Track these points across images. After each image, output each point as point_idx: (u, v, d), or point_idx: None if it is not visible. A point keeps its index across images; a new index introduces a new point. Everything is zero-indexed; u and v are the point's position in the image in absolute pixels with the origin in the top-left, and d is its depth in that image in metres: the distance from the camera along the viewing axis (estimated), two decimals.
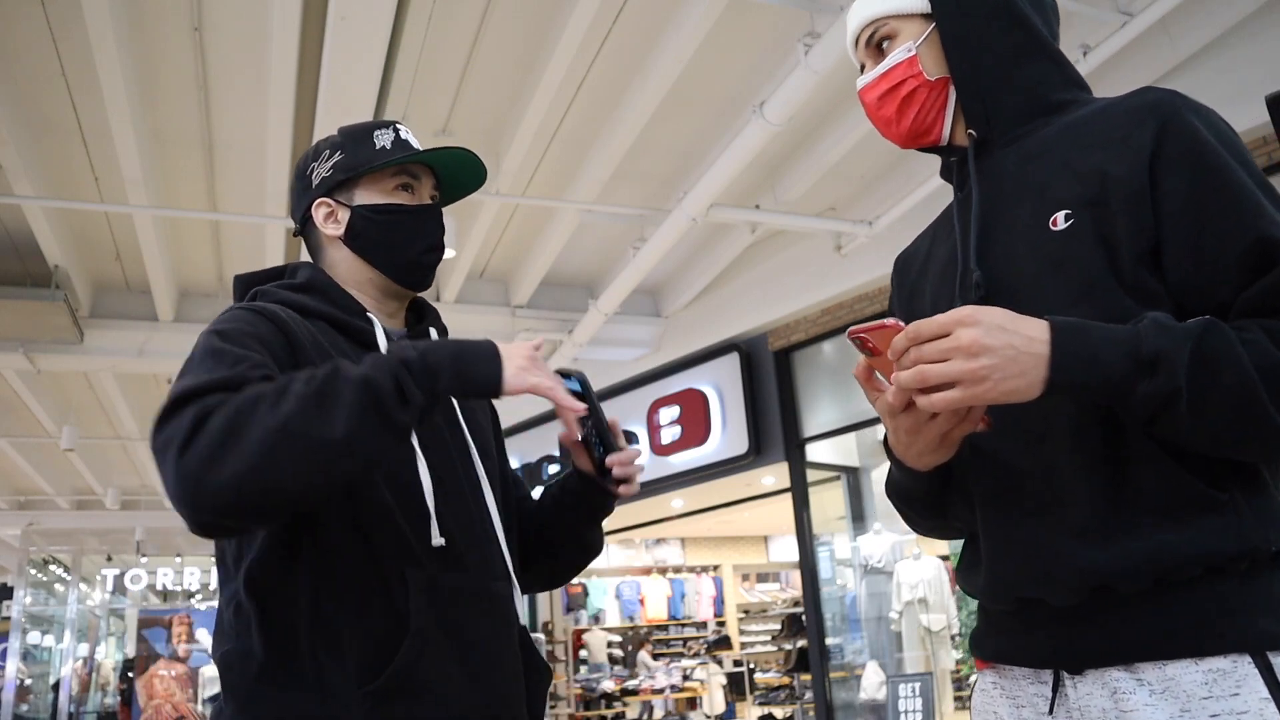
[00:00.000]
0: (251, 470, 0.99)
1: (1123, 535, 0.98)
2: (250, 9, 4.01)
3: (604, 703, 10.73)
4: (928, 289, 1.25)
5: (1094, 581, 0.98)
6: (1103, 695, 0.99)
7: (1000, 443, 1.09)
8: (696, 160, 5.51)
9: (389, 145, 1.39)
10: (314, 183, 1.41)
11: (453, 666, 1.19)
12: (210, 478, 0.99)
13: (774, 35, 4.49)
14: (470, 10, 4.18)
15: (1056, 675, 1.05)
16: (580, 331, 7.02)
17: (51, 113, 4.66)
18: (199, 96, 4.63)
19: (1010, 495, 1.08)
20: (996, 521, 1.09)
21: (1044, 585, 1.02)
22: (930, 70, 1.20)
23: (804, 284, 6.78)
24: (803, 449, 7.05)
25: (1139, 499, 0.99)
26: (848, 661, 7.09)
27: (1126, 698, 0.97)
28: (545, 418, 9.18)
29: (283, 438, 1.00)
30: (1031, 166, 1.13)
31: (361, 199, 1.38)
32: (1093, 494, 1.01)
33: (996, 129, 1.18)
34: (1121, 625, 0.99)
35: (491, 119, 5.00)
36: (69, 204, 5.31)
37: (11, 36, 4.10)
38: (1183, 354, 0.92)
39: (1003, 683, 1.13)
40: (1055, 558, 1.02)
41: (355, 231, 1.38)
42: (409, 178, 1.39)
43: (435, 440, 1.30)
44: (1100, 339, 0.94)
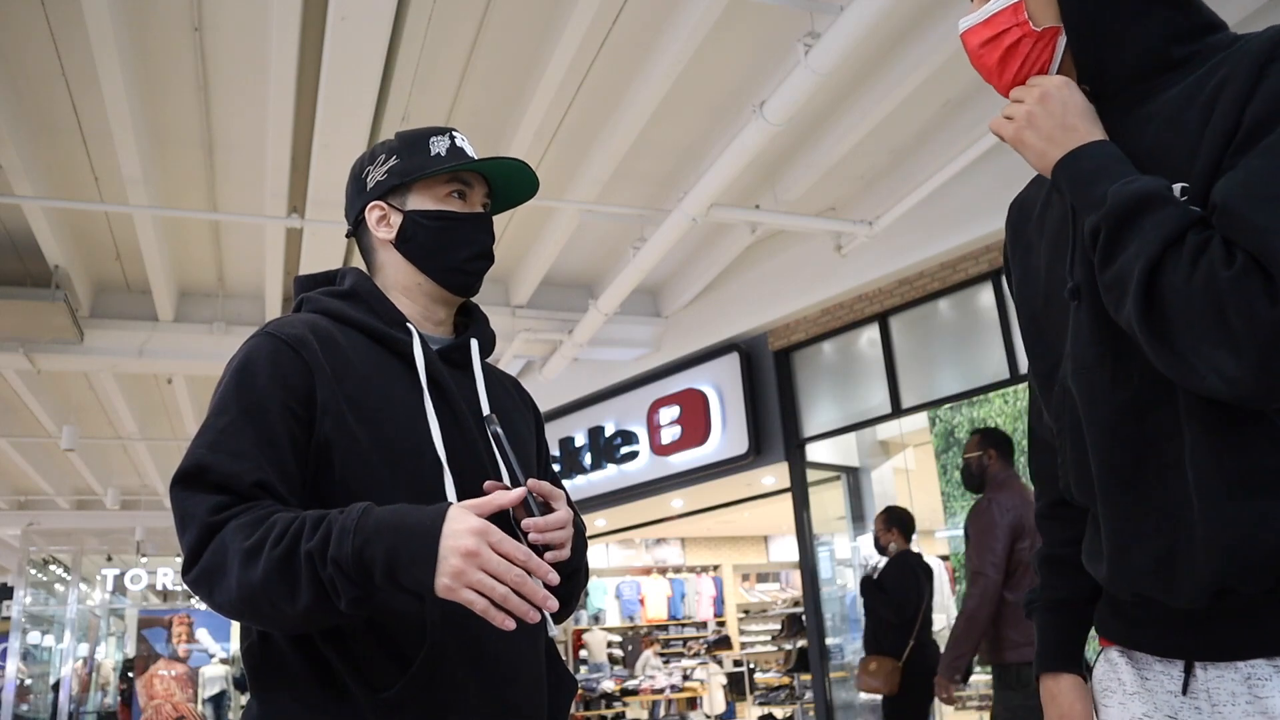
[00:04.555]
0: (236, 612, 1.13)
1: (1242, 533, 0.94)
2: (250, 9, 4.01)
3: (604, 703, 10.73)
4: (1042, 249, 1.17)
5: (1215, 588, 0.96)
6: (1235, 679, 0.98)
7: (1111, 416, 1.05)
8: (696, 160, 5.50)
9: (444, 152, 1.39)
10: (368, 185, 1.42)
11: (470, 678, 1.19)
12: (207, 601, 1.15)
13: (774, 35, 4.49)
14: (470, 10, 4.18)
15: (1188, 662, 1.03)
16: (580, 331, 7.02)
17: (51, 113, 4.66)
18: (199, 96, 4.63)
19: (1128, 486, 1.04)
20: (1115, 515, 1.06)
21: (1164, 590, 1.00)
22: (1038, 18, 1.10)
23: (804, 284, 6.78)
24: (803, 449, 7.05)
25: (1257, 484, 0.94)
26: (848, 661, 7.09)
27: (1261, 684, 0.96)
28: (546, 417, 9.13)
29: (251, 601, 1.10)
30: (1150, 130, 1.04)
31: (414, 204, 1.39)
32: (1205, 483, 0.96)
33: (1112, 86, 1.08)
34: (1248, 627, 0.97)
35: (491, 119, 5.00)
36: (69, 204, 5.31)
37: (11, 36, 4.10)
38: (1122, 209, 0.96)
39: (1131, 655, 1.11)
40: (1174, 563, 0.99)
41: (406, 236, 1.39)
42: (462, 185, 1.40)
43: (465, 449, 1.30)
44: (1101, 170, 1.01)
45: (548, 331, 7.29)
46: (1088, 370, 1.06)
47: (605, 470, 8.52)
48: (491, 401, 1.40)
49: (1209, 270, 0.88)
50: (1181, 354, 0.91)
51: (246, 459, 1.17)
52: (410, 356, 1.33)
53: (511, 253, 6.87)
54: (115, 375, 7.72)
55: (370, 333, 1.34)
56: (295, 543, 1.10)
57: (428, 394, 1.31)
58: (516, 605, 1.07)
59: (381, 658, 1.17)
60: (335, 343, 1.29)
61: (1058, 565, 1.24)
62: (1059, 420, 1.14)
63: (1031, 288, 1.19)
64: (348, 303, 1.36)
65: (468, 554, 1.06)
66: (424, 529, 1.09)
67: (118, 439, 9.87)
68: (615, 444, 8.39)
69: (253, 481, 1.17)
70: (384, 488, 1.22)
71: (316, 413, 1.23)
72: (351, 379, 1.27)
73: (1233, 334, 0.87)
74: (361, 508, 1.12)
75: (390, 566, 1.08)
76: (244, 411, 1.20)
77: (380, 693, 1.15)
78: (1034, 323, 1.19)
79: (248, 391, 1.22)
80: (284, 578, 1.08)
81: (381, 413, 1.27)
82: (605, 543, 13.49)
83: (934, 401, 6.26)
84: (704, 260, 7.00)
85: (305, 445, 1.22)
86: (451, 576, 1.06)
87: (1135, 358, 1.01)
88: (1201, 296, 0.88)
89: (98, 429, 9.71)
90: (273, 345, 1.26)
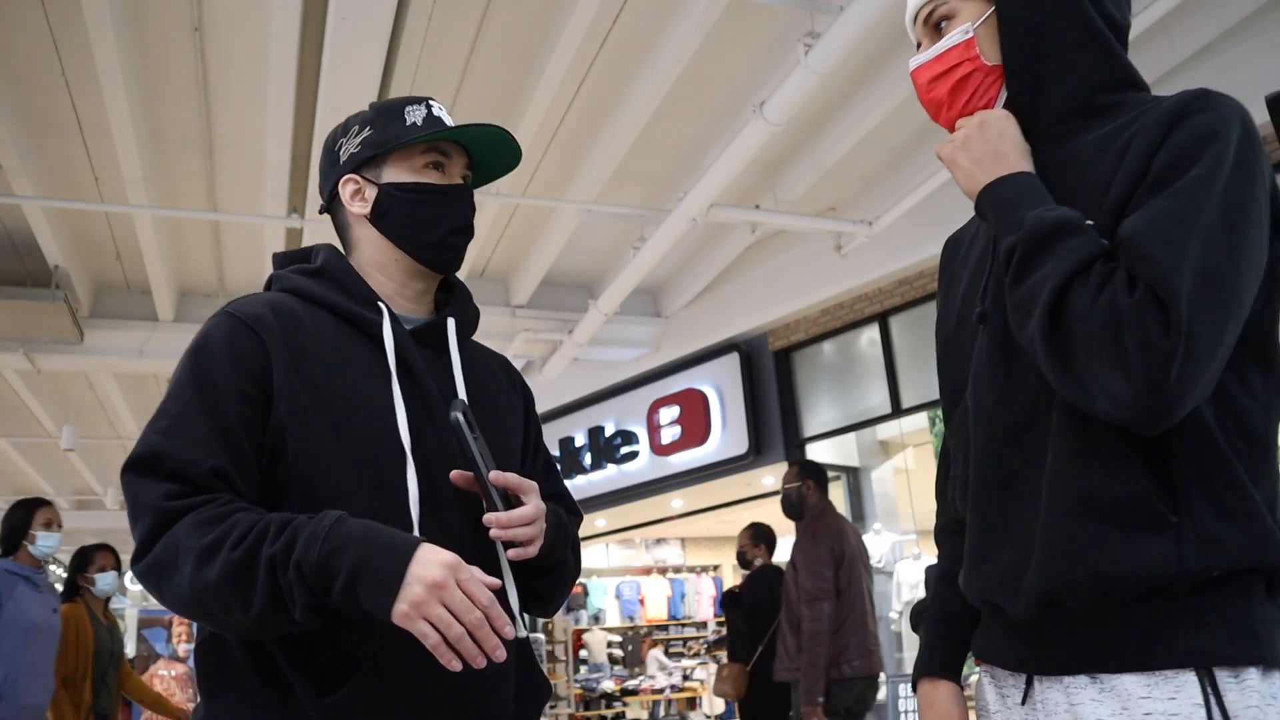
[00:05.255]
0: (185, 611, 1.10)
1: (1074, 553, 1.01)
2: (250, 9, 4.01)
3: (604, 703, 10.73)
4: (963, 278, 1.23)
5: (1045, 599, 1.04)
6: (1058, 690, 1.05)
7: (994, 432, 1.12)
8: (696, 160, 5.50)
9: (420, 122, 1.33)
10: (342, 159, 1.36)
11: (422, 680, 1.13)
12: (158, 594, 1.11)
13: (774, 35, 4.49)
14: (470, 10, 4.18)
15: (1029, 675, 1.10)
16: (580, 331, 7.02)
17: (51, 113, 4.65)
18: (199, 96, 4.63)
19: (995, 500, 1.11)
20: (980, 525, 1.14)
21: (1005, 598, 1.09)
22: (989, 55, 1.15)
23: (804, 284, 6.78)
24: (803, 449, 7.04)
25: (1096, 511, 1.01)
26: None
27: (1078, 693, 1.03)
28: (546, 417, 9.18)
29: (201, 602, 1.07)
30: (1070, 170, 1.10)
31: (389, 177, 1.33)
32: (1054, 504, 1.03)
33: (1041, 125, 1.14)
34: (1075, 639, 1.04)
35: (491, 119, 4.97)
36: (69, 204, 5.30)
37: (11, 36, 4.10)
38: (1038, 234, 1.01)
39: (990, 674, 1.19)
40: (1012, 573, 1.07)
41: (381, 210, 1.33)
42: (439, 156, 1.33)
43: (434, 436, 1.23)
44: (1022, 198, 1.06)
45: (548, 331, 7.29)
46: (982, 388, 1.13)
47: (605, 470, 8.51)
48: (472, 384, 1.33)
49: (1111, 297, 0.94)
50: (1077, 374, 0.96)
51: (203, 446, 1.13)
52: (381, 337, 1.26)
53: (511, 253, 6.87)
54: (115, 375, 7.72)
55: (339, 312, 1.28)
56: (257, 546, 1.06)
57: (395, 377, 1.24)
58: (468, 648, 1.04)
59: (329, 659, 1.12)
60: (298, 323, 1.23)
61: (950, 578, 1.28)
62: (955, 436, 1.22)
63: (947, 312, 1.26)
64: (317, 281, 1.30)
65: (433, 585, 1.03)
66: (395, 550, 1.05)
67: (118, 439, 9.86)
68: (615, 444, 8.38)
69: (209, 469, 1.12)
70: (341, 477, 1.17)
71: (272, 397, 1.17)
72: (312, 361, 1.21)
73: (1126, 359, 0.92)
74: (335, 516, 1.08)
75: (352, 580, 1.04)
76: (200, 396, 1.15)
77: (326, 696, 1.10)
78: (946, 345, 1.25)
79: (204, 375, 1.17)
80: (240, 581, 1.05)
81: (343, 397, 1.20)
82: (605, 543, 13.50)
83: (934, 401, 6.25)
84: (704, 260, 7.00)
85: (260, 431, 1.17)
86: (411, 604, 1.03)
87: (1024, 382, 1.08)
88: (1102, 321, 0.94)
89: (98, 429, 9.71)
90: (230, 325, 1.21)
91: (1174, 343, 0.90)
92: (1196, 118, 1.00)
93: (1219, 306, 0.92)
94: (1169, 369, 0.90)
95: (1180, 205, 0.95)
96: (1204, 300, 0.91)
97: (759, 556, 5.25)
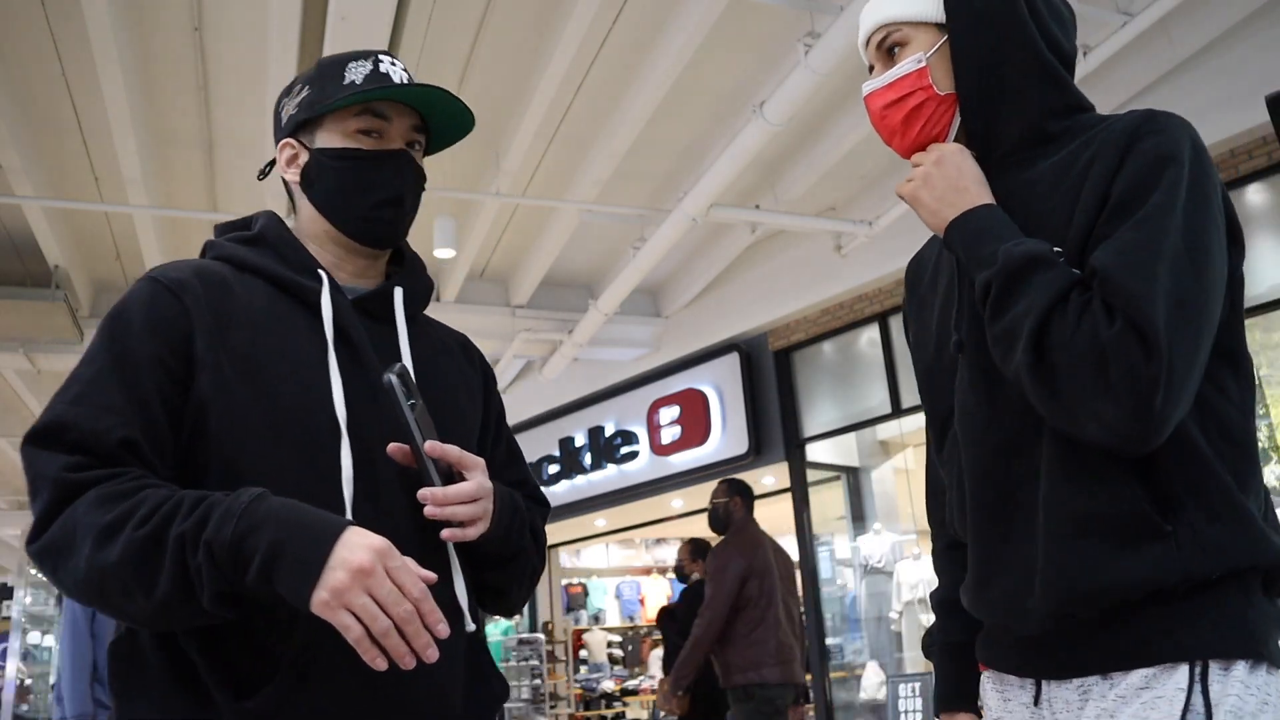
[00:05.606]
0: (83, 596, 1.00)
1: (1078, 571, 1.05)
2: (250, 9, 4.01)
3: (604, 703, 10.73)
4: (935, 305, 1.26)
5: (1056, 616, 1.08)
6: (1069, 689, 1.10)
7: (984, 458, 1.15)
8: (696, 160, 5.50)
9: (360, 80, 1.19)
10: (283, 121, 1.26)
11: (353, 684, 1.02)
12: (51, 577, 1.01)
13: (774, 35, 4.49)
14: (470, 10, 4.18)
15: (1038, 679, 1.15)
16: (580, 331, 7.02)
17: (51, 113, 4.66)
18: (199, 96, 4.63)
19: (993, 523, 1.14)
20: (981, 549, 1.17)
21: (1015, 620, 1.13)
22: (941, 84, 1.17)
23: (804, 284, 6.78)
24: (803, 449, 7.05)
25: (1094, 529, 1.04)
26: (848, 661, 7.10)
27: (1091, 688, 1.08)
28: (546, 417, 9.19)
29: (100, 585, 0.97)
30: (1030, 196, 1.13)
31: (321, 142, 1.22)
32: (1053, 526, 1.07)
33: (996, 153, 1.17)
34: (1082, 648, 1.08)
35: (491, 119, 5.00)
36: (69, 204, 5.31)
37: (11, 36, 4.10)
38: (1011, 268, 1.04)
39: (994, 677, 1.23)
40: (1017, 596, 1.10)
41: (310, 178, 1.23)
42: (374, 119, 1.20)
43: (373, 412, 1.12)
44: (989, 231, 1.09)
45: (548, 331, 7.29)
46: (968, 415, 1.16)
47: (605, 470, 8.51)
48: (419, 359, 1.22)
49: (1092, 329, 0.98)
50: (1066, 403, 1.00)
51: (112, 415, 1.03)
52: (319, 306, 1.16)
53: (511, 253, 6.87)
54: None
55: (274, 280, 1.18)
56: (165, 524, 0.96)
57: (332, 348, 1.14)
58: (394, 645, 0.94)
59: (249, 659, 1.02)
60: (227, 290, 1.14)
61: (953, 609, 1.30)
62: (947, 463, 1.23)
63: (925, 341, 1.28)
64: (252, 248, 1.21)
65: (359, 571, 0.93)
66: (319, 531, 0.95)
67: None
68: (615, 444, 8.39)
69: (118, 440, 1.02)
70: (267, 452, 1.06)
71: (195, 367, 1.08)
72: (241, 330, 1.11)
73: (1113, 387, 0.96)
74: (254, 493, 0.98)
75: (269, 564, 0.94)
76: (112, 363, 1.06)
77: (244, 700, 1.00)
78: (928, 374, 1.28)
79: (119, 340, 1.08)
80: (143, 563, 0.95)
81: (273, 369, 1.10)
82: (605, 543, 13.49)
83: None
84: (704, 260, 7.00)
85: (179, 405, 1.07)
86: (332, 592, 0.92)
87: (1008, 407, 1.11)
88: (1086, 352, 0.98)
89: None
90: (152, 290, 1.12)
91: (1156, 369, 0.95)
92: (1148, 141, 1.04)
93: (1193, 328, 0.98)
94: (1154, 394, 0.95)
95: (1146, 235, 1.00)
96: (1179, 324, 0.96)
97: (696, 571, 5.36)
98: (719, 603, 4.20)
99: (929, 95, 1.17)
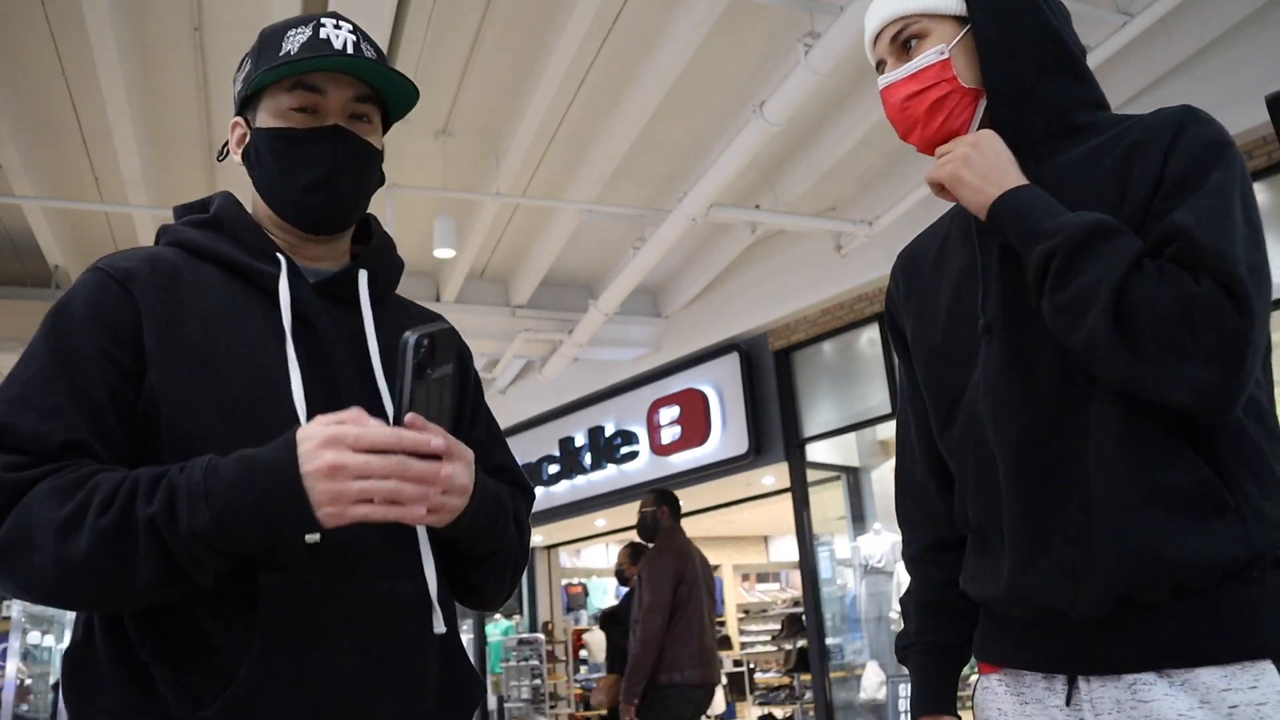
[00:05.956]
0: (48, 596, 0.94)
1: (1143, 544, 1.00)
2: (250, 9, 4.01)
3: None
4: (942, 292, 1.24)
5: (1116, 596, 1.02)
6: (1118, 687, 1.03)
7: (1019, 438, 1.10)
8: (696, 160, 5.51)
9: (294, 50, 1.10)
10: (234, 98, 1.19)
11: (313, 696, 0.98)
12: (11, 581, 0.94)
13: (774, 35, 4.49)
14: (470, 10, 4.18)
15: (1072, 676, 1.07)
16: (580, 331, 7.03)
17: (51, 113, 4.66)
18: (199, 96, 4.64)
19: (1035, 503, 1.09)
20: (1022, 532, 1.10)
21: (1068, 602, 1.05)
22: (964, 76, 1.16)
23: (804, 284, 6.78)
24: (803, 449, 7.05)
25: (1159, 501, 1.01)
26: (848, 661, 7.09)
27: (1146, 689, 1.01)
28: (546, 417, 9.19)
29: (72, 580, 0.92)
30: (1064, 181, 1.12)
31: (260, 120, 1.14)
32: (1111, 500, 1.03)
33: (1025, 142, 1.16)
34: (1144, 635, 1.02)
35: (491, 119, 5.00)
36: (69, 204, 5.31)
37: (11, 36, 4.10)
38: (1076, 237, 1.02)
39: (1008, 680, 1.15)
40: (1071, 574, 1.04)
41: (250, 160, 1.16)
42: (307, 92, 1.10)
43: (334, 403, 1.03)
44: (1040, 207, 1.07)
45: (548, 331, 7.29)
46: (997, 397, 1.12)
47: (605, 470, 8.52)
48: (387, 342, 1.13)
49: (1178, 288, 0.96)
50: (1150, 366, 0.97)
51: (55, 417, 0.97)
52: (275, 292, 1.09)
53: (511, 253, 6.87)
54: None
55: (229, 265, 1.11)
56: (128, 506, 0.91)
57: (290, 337, 1.07)
58: (411, 493, 0.92)
59: (206, 667, 0.97)
60: (179, 278, 1.07)
61: (934, 609, 1.27)
62: (960, 447, 1.19)
63: (930, 327, 1.25)
64: (207, 232, 1.14)
65: (331, 470, 0.90)
66: (279, 470, 0.91)
67: None
68: (615, 444, 8.39)
69: (60, 443, 0.96)
70: (224, 448, 0.98)
71: (145, 361, 1.02)
72: (194, 321, 1.05)
73: (1202, 345, 0.95)
74: (202, 466, 0.93)
75: (260, 525, 0.91)
76: (55, 360, 1.00)
77: (202, 710, 0.95)
78: (932, 358, 1.24)
79: (62, 336, 1.02)
80: (117, 549, 0.90)
81: (228, 361, 1.04)
82: (605, 543, 13.49)
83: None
84: (704, 260, 7.00)
85: (131, 401, 1.01)
86: (330, 503, 0.90)
87: (1046, 385, 1.09)
88: (1173, 310, 0.96)
89: None
90: (97, 281, 1.05)
91: (1246, 326, 0.94)
92: (1196, 129, 1.05)
93: (1265, 296, 0.98)
94: (1245, 352, 0.95)
95: (1219, 204, 1.00)
96: (1257, 288, 0.97)
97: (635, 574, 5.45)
98: (661, 606, 4.44)
99: (954, 87, 1.16)
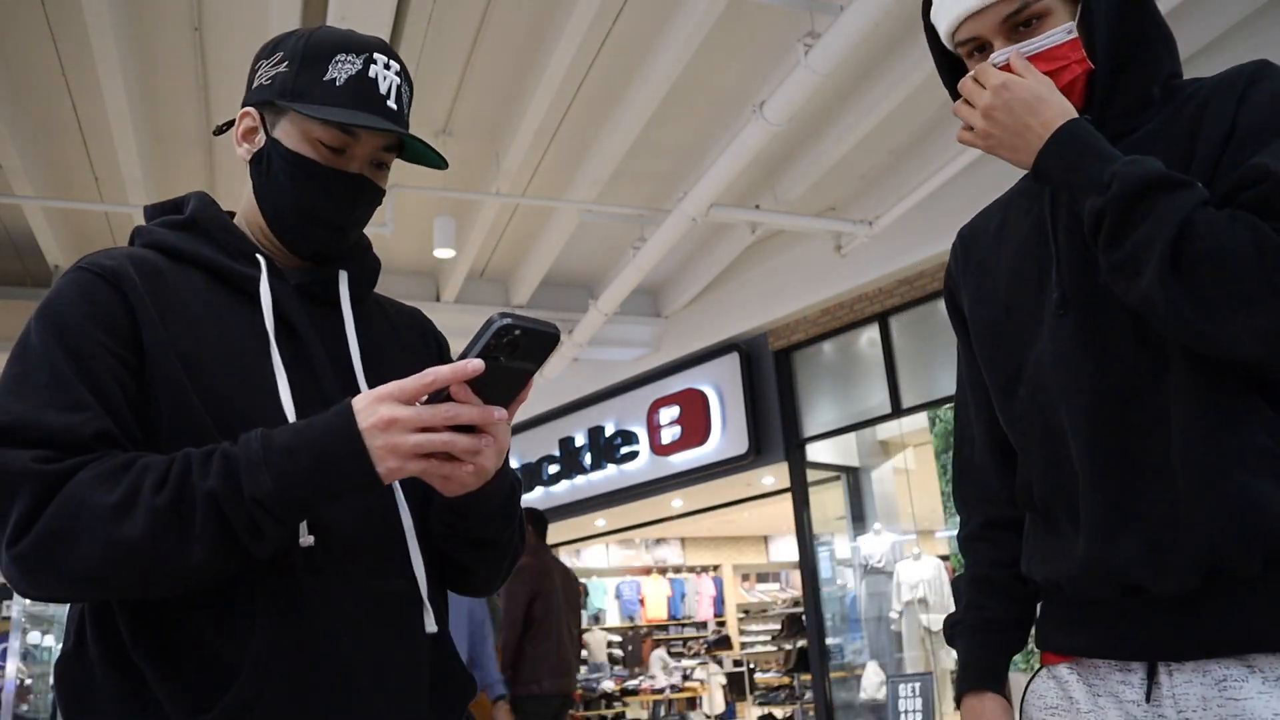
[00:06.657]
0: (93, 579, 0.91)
1: (1233, 510, 0.95)
2: (250, 9, 4.01)
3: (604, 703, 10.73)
4: (1002, 267, 1.21)
5: (1207, 567, 0.96)
6: (1204, 683, 0.97)
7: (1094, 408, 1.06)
8: (696, 160, 5.51)
9: (341, 82, 1.09)
10: (254, 84, 1.16)
11: (308, 699, 0.98)
12: (45, 577, 0.91)
13: (774, 35, 4.49)
14: (470, 10, 4.18)
15: (1152, 665, 1.02)
16: (580, 331, 7.02)
17: (51, 113, 4.66)
18: (199, 96, 4.64)
19: (1113, 475, 1.04)
20: (1100, 505, 1.05)
21: (1155, 575, 0.99)
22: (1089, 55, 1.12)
23: (804, 284, 6.78)
24: (803, 449, 7.05)
25: (1249, 465, 0.96)
26: (848, 661, 7.10)
27: (1237, 686, 0.95)
28: (546, 417, 9.19)
29: (127, 562, 0.90)
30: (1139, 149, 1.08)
31: (281, 133, 1.12)
32: (1199, 466, 0.98)
33: (1110, 116, 1.12)
34: (1235, 614, 0.96)
35: (491, 119, 5.00)
36: (69, 204, 5.31)
37: (11, 36, 4.10)
38: (1133, 185, 0.97)
39: (1082, 670, 1.10)
40: (1158, 546, 0.99)
41: (260, 166, 1.14)
42: (341, 134, 1.10)
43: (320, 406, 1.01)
44: (1091, 151, 1.03)
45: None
46: (1069, 368, 1.08)
47: (605, 470, 8.52)
48: (368, 345, 1.14)
49: (1256, 233, 0.91)
50: (1220, 319, 0.93)
51: (83, 409, 0.94)
52: (257, 295, 1.08)
53: (511, 253, 6.87)
54: None
55: (209, 267, 1.09)
56: (183, 482, 0.90)
57: (274, 342, 1.06)
58: (466, 445, 0.91)
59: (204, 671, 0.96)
60: (161, 280, 1.05)
61: (986, 585, 1.23)
62: (1024, 422, 1.15)
63: (990, 302, 1.22)
64: (184, 234, 1.11)
65: (387, 424, 0.89)
66: (337, 429, 0.91)
67: None
68: (615, 444, 8.39)
69: (94, 432, 0.93)
70: None
71: (145, 361, 1.00)
72: (180, 325, 1.03)
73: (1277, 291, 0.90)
74: (258, 437, 0.93)
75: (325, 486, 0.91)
76: (66, 355, 0.96)
77: (199, 715, 0.94)
78: (993, 333, 1.21)
79: (64, 334, 0.97)
80: (175, 526, 0.89)
81: (218, 368, 1.02)
82: (605, 543, 13.51)
83: (934, 401, 6.25)
84: (704, 260, 7.00)
85: (136, 398, 0.99)
86: (389, 455, 0.90)
87: (1118, 354, 1.05)
88: (1252, 255, 0.91)
89: None
90: (85, 280, 1.02)
91: None
92: (1268, 83, 1.03)
93: None
94: None
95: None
96: None
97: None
98: (514, 621, 4.78)
99: (1086, 67, 1.11)
